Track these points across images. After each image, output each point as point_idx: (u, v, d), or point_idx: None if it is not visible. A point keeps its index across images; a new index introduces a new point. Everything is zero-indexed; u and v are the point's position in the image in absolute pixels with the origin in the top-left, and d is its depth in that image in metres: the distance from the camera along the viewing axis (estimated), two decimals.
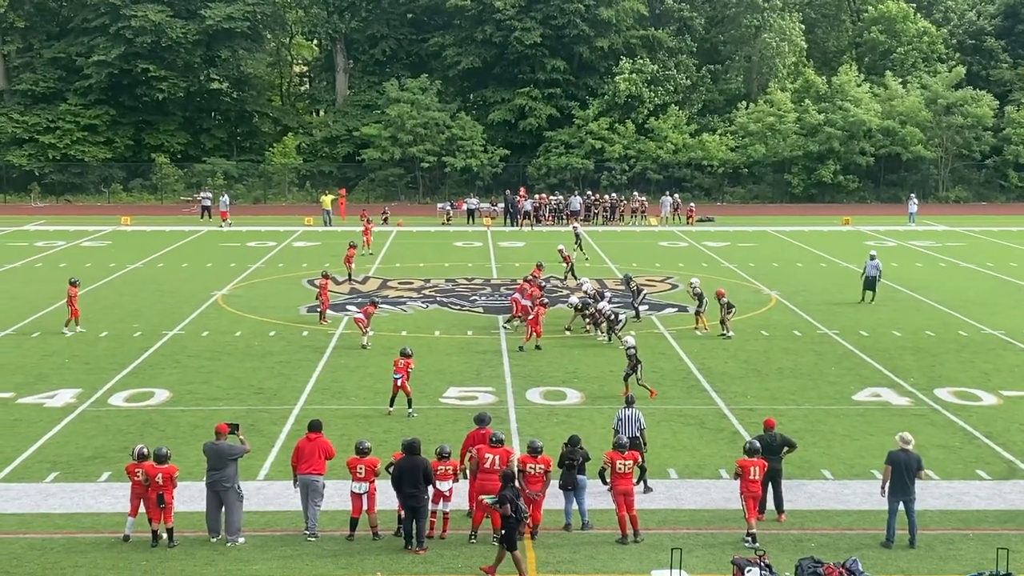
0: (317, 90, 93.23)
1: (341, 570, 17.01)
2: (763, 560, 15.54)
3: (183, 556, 17.52)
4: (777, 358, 31.03)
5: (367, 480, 18.19)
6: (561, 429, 23.41)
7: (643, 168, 78.31)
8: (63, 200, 77.89)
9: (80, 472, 21.38)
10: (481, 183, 77.43)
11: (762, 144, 78.07)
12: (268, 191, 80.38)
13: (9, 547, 17.75)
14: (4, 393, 26.94)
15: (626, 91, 78.51)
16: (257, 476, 20.96)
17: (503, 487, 17.16)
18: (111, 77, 78.31)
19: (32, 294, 40.36)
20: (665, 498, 19.87)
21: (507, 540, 16.68)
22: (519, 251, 53.04)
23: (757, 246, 55.31)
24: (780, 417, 22.57)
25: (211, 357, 30.78)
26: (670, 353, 31.52)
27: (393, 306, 38.50)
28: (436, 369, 29.36)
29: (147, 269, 46.78)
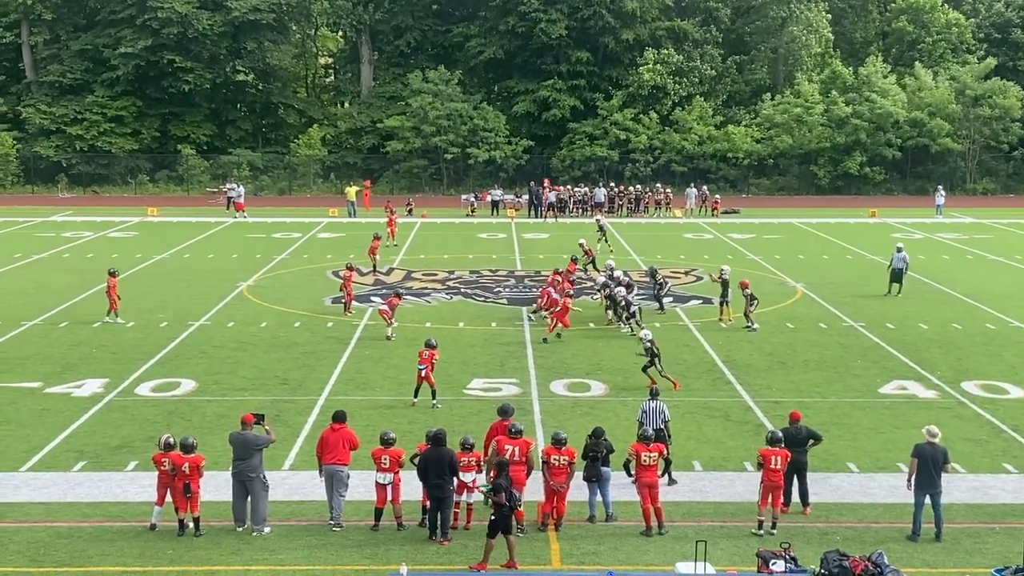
0: (342, 82, 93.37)
1: (366, 560, 17.07)
2: (788, 553, 15.50)
3: (209, 545, 17.61)
4: (803, 350, 30.92)
5: (392, 471, 18.24)
6: (585, 421, 23.41)
7: (667, 160, 78.11)
8: (90, 191, 78.30)
9: (107, 461, 21.52)
10: (505, 175, 77.40)
11: (788, 135, 77.72)
12: (293, 182, 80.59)
13: (37, 535, 17.88)
14: (32, 382, 27.13)
15: (651, 82, 78.31)
16: (282, 466, 21.05)
17: (498, 475, 17.16)
18: (138, 69, 78.66)
19: (60, 284, 40.62)
20: (689, 490, 19.85)
21: (491, 528, 16.75)
22: (543, 243, 53.01)
23: (783, 238, 55.10)
24: (806, 410, 22.49)
25: (236, 347, 30.91)
26: (694, 345, 31.45)
27: (417, 297, 38.54)
28: (460, 360, 29.38)
29: (173, 260, 47.01)
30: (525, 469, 18.36)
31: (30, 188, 78.57)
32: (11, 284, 40.95)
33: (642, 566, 16.85)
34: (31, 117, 78.87)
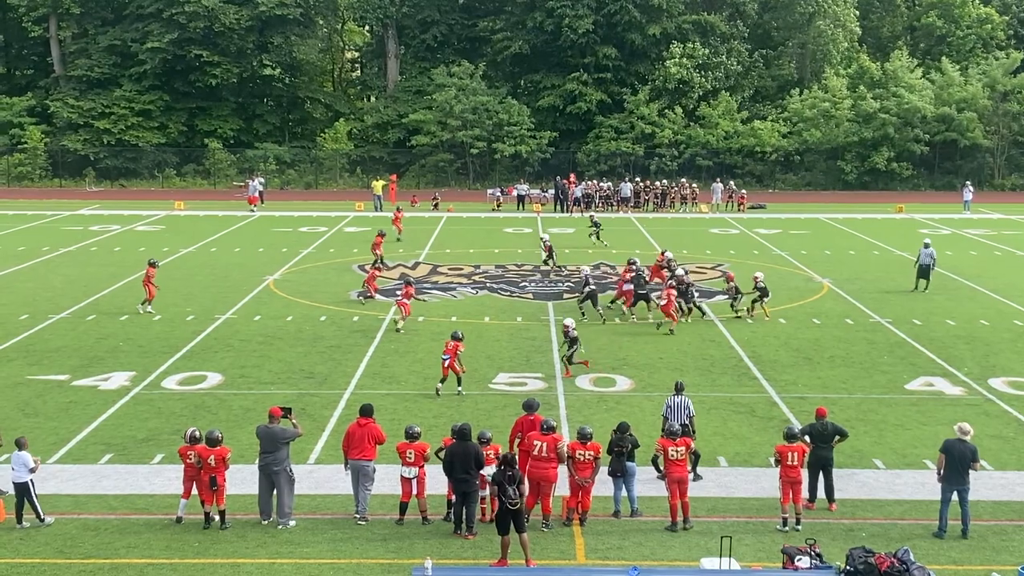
0: (368, 76, 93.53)
1: (391, 554, 17.11)
2: (814, 549, 15.45)
3: (235, 538, 17.69)
4: (829, 346, 30.80)
5: (417, 465, 18.28)
6: (610, 416, 23.39)
7: (693, 155, 77.93)
8: (117, 185, 78.72)
9: (134, 454, 21.65)
10: (530, 169, 77.37)
11: (815, 130, 77.37)
12: (319, 176, 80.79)
13: (64, 528, 18.01)
14: (60, 375, 27.31)
15: (677, 76, 78.12)
16: (308, 460, 21.12)
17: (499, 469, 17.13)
18: (165, 63, 79.04)
19: (87, 277, 40.86)
20: (715, 486, 19.80)
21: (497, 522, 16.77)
22: (569, 237, 52.96)
23: (809, 233, 54.87)
24: (832, 406, 22.42)
25: (263, 341, 31.02)
26: (720, 340, 31.37)
27: (443, 292, 38.59)
28: (486, 355, 29.40)
29: (200, 253, 47.21)
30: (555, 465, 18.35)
31: (58, 182, 79.07)
32: (39, 277, 41.23)
33: (667, 561, 16.83)
34: (59, 111, 79.38)
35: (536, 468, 18.17)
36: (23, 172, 79.09)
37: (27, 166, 79.17)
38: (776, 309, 35.48)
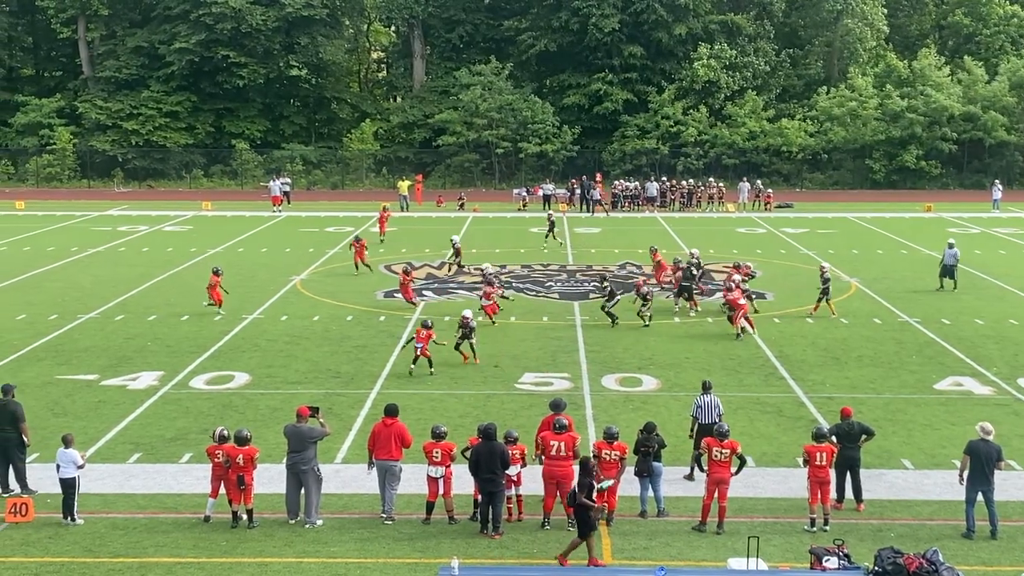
0: (394, 76, 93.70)
1: (417, 553, 17.12)
2: (841, 550, 15.37)
3: (262, 537, 17.75)
4: (857, 346, 30.65)
5: (443, 464, 18.28)
6: (637, 416, 23.34)
7: (719, 154, 77.73)
8: (145, 185, 79.17)
9: (162, 453, 21.75)
10: (555, 168, 77.31)
11: (842, 129, 77.01)
12: (346, 177, 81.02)
13: (93, 526, 18.10)
14: (89, 375, 27.47)
15: (704, 77, 77.95)
16: (335, 459, 21.16)
17: (582, 474, 17.05)
18: (192, 64, 79.44)
19: (116, 278, 41.09)
20: (743, 486, 19.70)
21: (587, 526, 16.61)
22: (595, 237, 52.90)
23: (837, 232, 54.63)
24: (860, 406, 22.31)
25: (289, 341, 31.12)
26: (747, 340, 31.23)
27: (469, 292, 38.60)
28: (512, 355, 29.40)
29: (227, 254, 47.40)
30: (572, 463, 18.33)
31: (87, 182, 79.57)
32: (68, 277, 41.50)
33: (694, 562, 16.78)
34: (88, 112, 79.91)
35: (555, 467, 18.14)
36: (52, 173, 79.65)
37: (56, 167, 79.73)
38: (804, 309, 35.35)
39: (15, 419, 19.75)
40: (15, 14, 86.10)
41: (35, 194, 73.51)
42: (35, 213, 62.49)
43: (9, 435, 19.64)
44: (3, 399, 20.09)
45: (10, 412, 19.81)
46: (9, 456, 19.66)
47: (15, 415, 19.79)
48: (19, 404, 20.15)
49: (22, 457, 19.78)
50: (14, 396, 20.28)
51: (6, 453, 19.67)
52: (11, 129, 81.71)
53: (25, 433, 19.79)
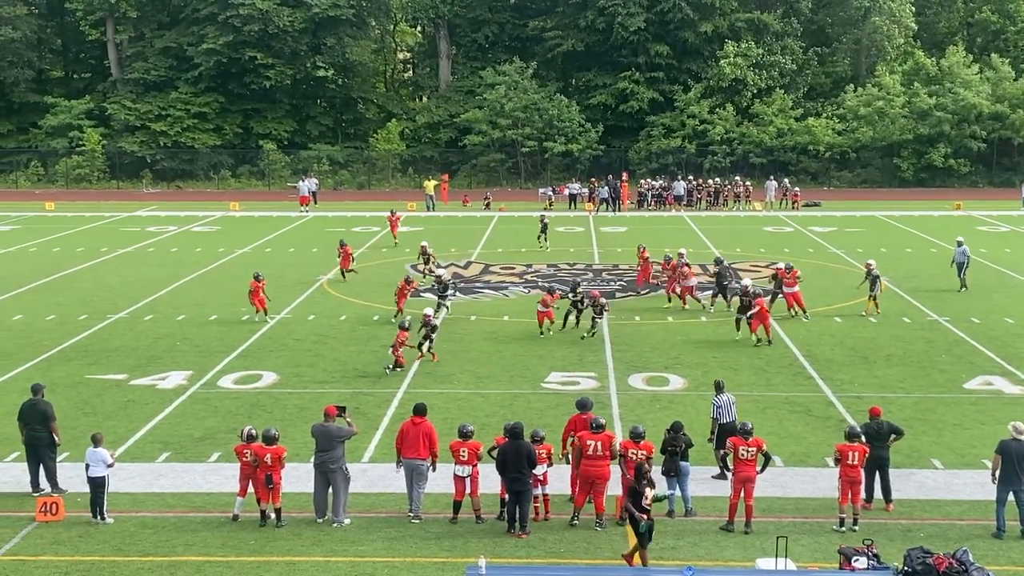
0: (420, 76, 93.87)
1: (444, 552, 17.13)
2: (871, 550, 15.28)
3: (290, 536, 17.80)
4: (886, 345, 30.48)
5: (470, 463, 18.28)
6: (664, 415, 23.28)
7: (746, 152, 77.46)
8: (174, 186, 79.58)
9: (190, 452, 21.85)
10: (581, 167, 77.22)
11: (870, 128, 76.60)
12: (372, 177, 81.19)
13: (123, 525, 18.20)
14: (118, 375, 27.62)
15: (731, 75, 77.71)
16: (362, 458, 21.20)
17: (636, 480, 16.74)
18: (220, 65, 79.82)
19: (144, 278, 41.31)
20: (771, 485, 19.63)
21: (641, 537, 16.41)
22: (621, 236, 52.81)
23: (865, 231, 54.34)
24: (889, 405, 22.19)
25: (317, 341, 31.20)
26: (775, 339, 31.12)
27: (495, 291, 38.62)
28: (538, 354, 29.38)
29: (255, 254, 47.58)
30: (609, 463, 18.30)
31: (116, 183, 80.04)
32: (97, 278, 41.75)
33: (722, 562, 16.73)
34: (116, 113, 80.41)
35: (591, 467, 18.10)
36: (82, 174, 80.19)
37: (85, 168, 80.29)
38: (832, 308, 35.20)
39: (45, 418, 19.87)
40: (44, 16, 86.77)
41: (65, 195, 73.99)
42: (65, 214, 62.91)
43: (39, 434, 19.76)
44: (33, 399, 20.24)
45: (40, 411, 19.94)
46: (39, 455, 19.77)
47: (45, 414, 19.91)
48: (49, 403, 20.28)
49: (52, 456, 19.90)
50: (43, 396, 20.42)
51: (36, 452, 19.79)
52: (41, 131, 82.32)
53: (55, 432, 19.91)
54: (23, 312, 35.40)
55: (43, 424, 19.82)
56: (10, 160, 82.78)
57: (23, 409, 20.18)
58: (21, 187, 79.59)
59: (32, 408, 20.01)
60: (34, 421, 19.85)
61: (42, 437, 19.75)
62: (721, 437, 20.07)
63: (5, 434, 22.63)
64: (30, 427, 19.84)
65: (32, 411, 19.97)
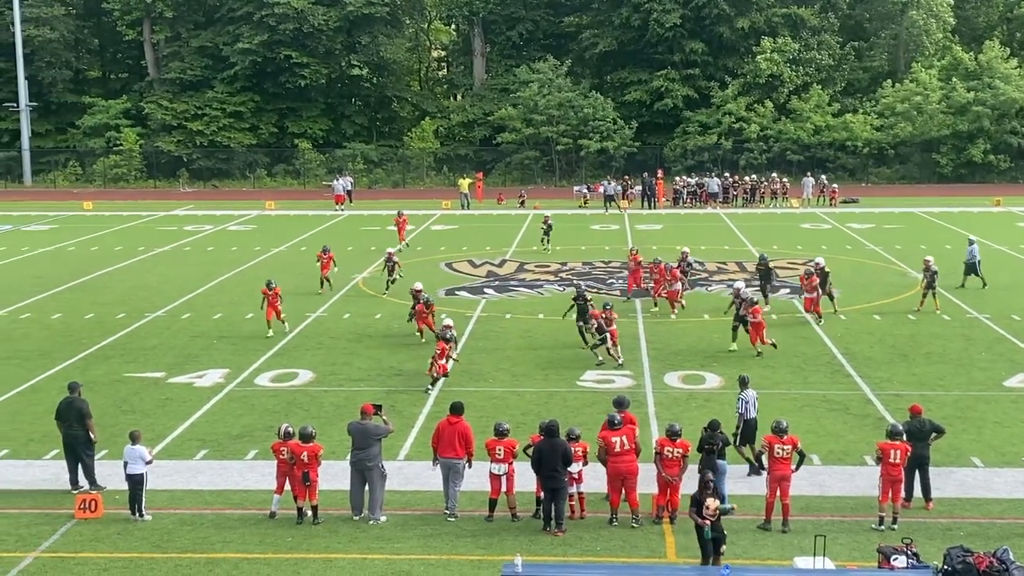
0: (455, 74, 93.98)
1: (481, 550, 17.17)
2: (910, 548, 15.19)
3: (327, 533, 17.89)
4: (925, 343, 30.27)
5: (506, 461, 18.31)
6: (700, 414, 23.23)
7: (782, 149, 77.07)
8: (210, 185, 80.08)
9: (228, 450, 22.00)
10: (616, 165, 77.06)
11: (909, 123, 76.01)
12: (407, 175, 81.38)
13: (161, 522, 18.35)
14: (156, 372, 27.85)
15: (767, 71, 77.34)
16: (397, 456, 21.28)
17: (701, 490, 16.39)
18: (255, 65, 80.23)
19: (181, 277, 41.60)
20: (809, 484, 19.55)
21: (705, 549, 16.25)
22: (656, 234, 52.69)
23: (904, 228, 53.98)
24: (928, 403, 22.03)
25: (352, 339, 31.32)
26: (813, 337, 30.99)
27: (530, 289, 38.64)
28: (573, 352, 29.36)
29: (290, 253, 47.80)
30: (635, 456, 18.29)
31: (152, 183, 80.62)
32: (135, 277, 42.08)
33: (760, 560, 16.68)
34: (153, 113, 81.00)
35: (619, 464, 18.08)
36: (119, 173, 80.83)
37: (123, 167, 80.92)
38: (871, 305, 35.00)
39: (82, 416, 20.04)
40: (81, 17, 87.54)
41: (102, 194, 74.61)
42: (102, 213, 63.45)
43: (76, 432, 19.93)
44: (69, 397, 20.44)
45: (76, 409, 20.12)
46: (77, 453, 19.95)
47: (81, 412, 20.08)
48: (85, 401, 20.46)
49: (90, 454, 20.07)
50: (80, 394, 20.60)
51: (74, 450, 19.98)
52: (79, 131, 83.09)
53: (91, 430, 20.07)
54: (62, 311, 35.75)
55: (79, 422, 20.00)
56: (48, 160, 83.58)
57: (60, 407, 20.38)
58: (59, 186, 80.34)
59: (69, 406, 20.21)
60: (71, 419, 20.05)
61: (78, 435, 19.93)
62: (746, 434, 20.03)
63: (44, 432, 22.87)
64: (67, 425, 20.04)
65: (68, 409, 20.17)
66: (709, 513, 16.09)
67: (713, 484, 16.36)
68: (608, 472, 18.24)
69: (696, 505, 16.27)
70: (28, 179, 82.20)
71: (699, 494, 16.28)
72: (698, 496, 16.28)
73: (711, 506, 16.12)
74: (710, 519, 16.08)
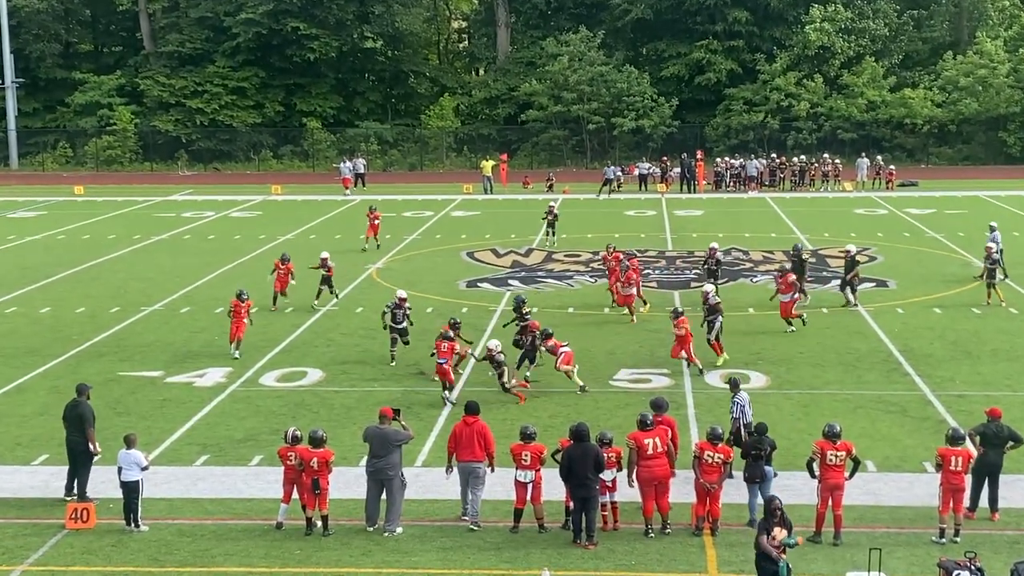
0: (476, 47, 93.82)
1: (505, 564, 17.18)
2: (974, 563, 15.11)
3: (338, 546, 17.92)
4: (991, 339, 30.12)
5: (532, 468, 18.28)
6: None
7: (834, 127, 76.72)
8: (211, 168, 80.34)
9: (231, 455, 22.08)
10: (653, 145, 76.89)
11: (973, 99, 75.54)
12: (424, 157, 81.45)
13: (159, 533, 18.41)
14: (153, 371, 27.96)
15: (817, 42, 76.94)
16: (415, 462, 21.29)
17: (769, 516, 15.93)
18: (259, 37, 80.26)
19: (180, 267, 41.77)
20: (862, 493, 19.48)
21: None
22: (696, 220, 52.59)
23: (967, 213, 53.70)
24: (993, 404, 21.88)
25: (365, 335, 31.35)
26: (867, 333, 30.88)
27: (559, 280, 38.62)
28: (606, 350, 29.36)
29: (298, 241, 47.91)
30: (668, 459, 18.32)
31: (149, 166, 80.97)
32: (130, 267, 42.29)
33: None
34: (149, 90, 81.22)
35: (652, 468, 18.09)
36: (113, 155, 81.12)
37: (117, 149, 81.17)
38: (931, 297, 34.85)
39: (82, 422, 19.74)
40: None
41: (95, 178, 75.01)
42: (95, 198, 63.78)
43: (75, 439, 19.70)
44: (75, 399, 20.15)
45: (77, 415, 19.84)
46: (74, 462, 19.75)
47: (82, 418, 19.77)
48: (89, 407, 20.04)
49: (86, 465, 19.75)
50: (88, 397, 20.25)
51: (73, 458, 19.78)
52: (69, 109, 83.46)
53: (92, 440, 19.72)
54: (51, 304, 35.96)
55: (79, 429, 19.75)
56: (36, 141, 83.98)
57: (65, 410, 20.23)
58: (48, 169, 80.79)
59: (71, 410, 20.00)
60: (72, 425, 19.89)
61: (77, 442, 19.75)
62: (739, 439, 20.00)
63: (33, 435, 23.03)
64: (69, 431, 19.95)
65: (70, 414, 19.98)
66: (773, 543, 15.71)
67: (781, 512, 15.91)
68: (639, 477, 18.19)
69: (764, 533, 15.89)
70: (15, 162, 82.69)
71: (766, 522, 15.90)
72: (765, 524, 15.90)
73: (777, 536, 15.84)
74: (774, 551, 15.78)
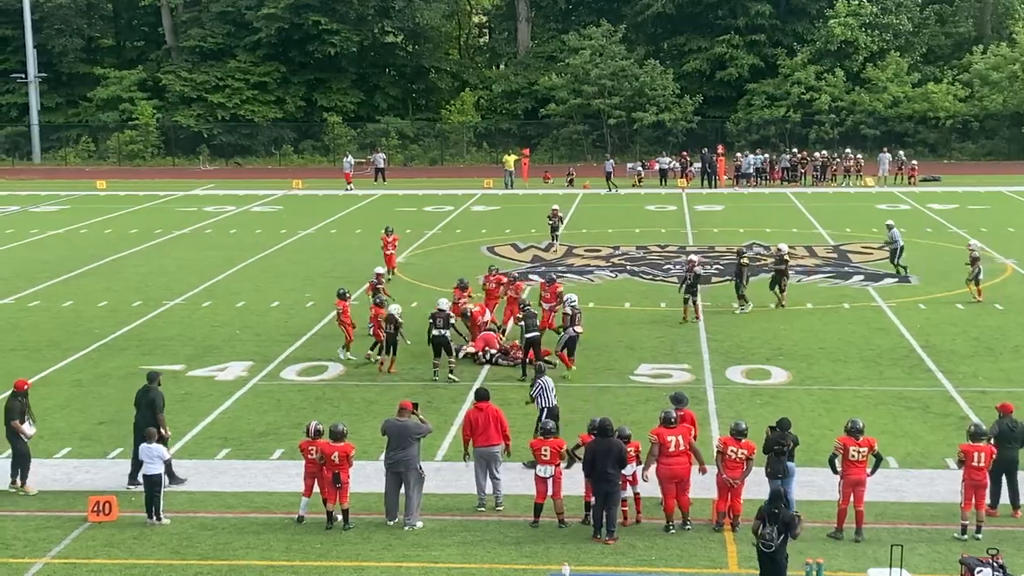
0: (497, 42, 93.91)
1: (525, 559, 17.17)
2: (996, 560, 15.07)
3: (359, 540, 17.94)
4: (1013, 335, 29.98)
5: (552, 463, 18.28)
6: (764, 411, 23.15)
7: (856, 122, 76.45)
8: (232, 163, 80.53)
9: (252, 449, 22.12)
10: (674, 140, 76.77)
11: (998, 94, 75.16)
12: (445, 151, 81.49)
13: (180, 526, 18.46)
14: (175, 365, 28.00)
15: (840, 37, 76.69)
16: (435, 456, 21.30)
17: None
18: (281, 32, 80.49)
19: (202, 262, 41.88)
20: (884, 489, 19.41)
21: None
22: (717, 215, 52.47)
23: (990, 208, 53.48)
24: (1017, 401, 21.78)
25: None
26: (889, 328, 30.77)
27: (579, 275, 38.59)
28: (626, 344, 29.32)
29: (319, 235, 48.01)
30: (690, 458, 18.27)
31: (171, 160, 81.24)
32: (152, 261, 42.42)
33: (830, 572, 16.58)
34: (171, 84, 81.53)
35: (673, 465, 18.03)
36: (135, 150, 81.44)
37: (139, 143, 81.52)
38: (953, 293, 34.70)
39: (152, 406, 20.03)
40: None
41: (117, 173, 75.28)
42: (117, 193, 64.01)
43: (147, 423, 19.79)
44: (147, 385, 20.50)
45: (150, 399, 20.13)
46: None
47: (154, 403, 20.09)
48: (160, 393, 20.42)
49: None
50: (159, 383, 20.61)
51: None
52: (91, 104, 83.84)
53: (162, 424, 19.91)
54: (73, 298, 36.10)
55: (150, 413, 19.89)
56: (59, 136, 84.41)
57: (136, 396, 20.54)
58: (71, 164, 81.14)
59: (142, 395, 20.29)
60: (143, 409, 20.05)
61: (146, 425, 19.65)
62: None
63: (55, 429, 23.13)
64: (138, 415, 20.06)
65: (142, 399, 20.23)
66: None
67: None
68: (660, 474, 18.15)
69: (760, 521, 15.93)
70: (37, 156, 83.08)
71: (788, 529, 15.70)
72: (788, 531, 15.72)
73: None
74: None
